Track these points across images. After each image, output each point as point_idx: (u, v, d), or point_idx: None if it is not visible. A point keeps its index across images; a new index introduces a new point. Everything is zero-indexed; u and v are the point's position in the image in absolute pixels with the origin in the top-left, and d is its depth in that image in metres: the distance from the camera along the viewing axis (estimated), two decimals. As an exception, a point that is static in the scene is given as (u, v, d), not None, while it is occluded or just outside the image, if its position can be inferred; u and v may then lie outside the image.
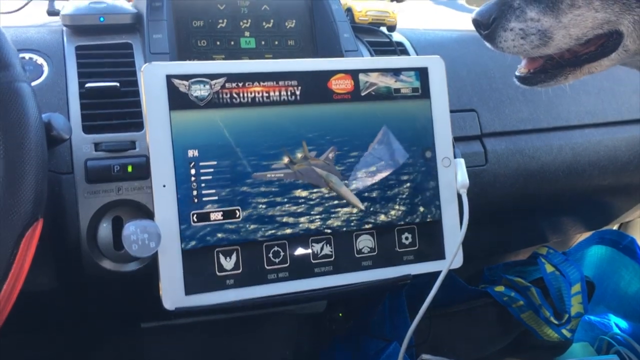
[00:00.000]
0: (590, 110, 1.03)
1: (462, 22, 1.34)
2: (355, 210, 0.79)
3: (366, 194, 0.80)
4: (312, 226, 0.77)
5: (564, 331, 1.21)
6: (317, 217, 0.77)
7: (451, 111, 0.83)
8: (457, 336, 1.22)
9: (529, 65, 0.78)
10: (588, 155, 1.01)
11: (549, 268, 1.23)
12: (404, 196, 0.81)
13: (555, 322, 1.20)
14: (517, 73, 0.80)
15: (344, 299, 1.08)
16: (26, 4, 0.97)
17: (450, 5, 1.45)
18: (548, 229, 1.23)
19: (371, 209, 0.80)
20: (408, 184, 0.82)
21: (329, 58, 0.81)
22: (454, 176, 0.83)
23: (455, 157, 0.84)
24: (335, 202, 0.78)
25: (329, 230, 0.78)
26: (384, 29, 1.01)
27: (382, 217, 0.80)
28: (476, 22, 0.76)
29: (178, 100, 0.72)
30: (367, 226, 0.79)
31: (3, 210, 0.49)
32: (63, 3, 0.90)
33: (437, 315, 1.15)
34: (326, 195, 0.78)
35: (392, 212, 0.81)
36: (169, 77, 0.72)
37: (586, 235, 1.35)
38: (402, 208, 0.81)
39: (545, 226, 1.21)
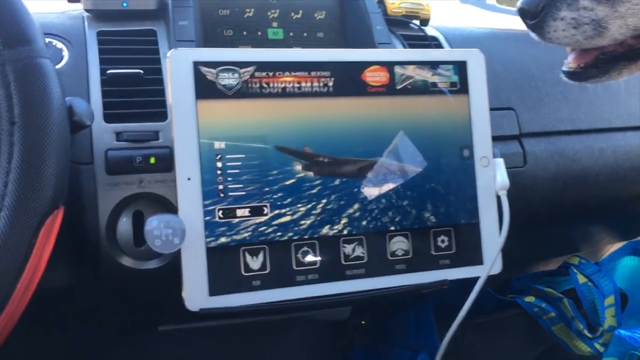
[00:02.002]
0: (633, 112, 0.98)
1: (490, 22, 1.30)
2: (389, 209, 0.74)
3: (400, 192, 0.75)
4: (344, 226, 0.72)
5: (597, 345, 1.15)
6: (350, 215, 0.73)
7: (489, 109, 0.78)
8: (484, 347, 1.17)
9: (579, 59, 0.73)
10: (630, 160, 0.96)
11: (582, 279, 1.17)
12: (440, 196, 0.77)
13: (589, 335, 1.14)
14: (564, 68, 0.75)
15: (371, 305, 1.03)
16: (45, -9, 0.94)
17: (478, 4, 1.41)
18: (580, 238, 1.17)
19: (405, 208, 0.75)
20: (444, 184, 0.77)
21: (363, 49, 0.77)
22: (492, 177, 0.78)
23: (494, 157, 0.79)
24: (369, 196, 0.73)
25: (361, 231, 0.73)
26: (416, 23, 0.96)
27: (417, 218, 0.75)
28: (522, 11, 0.71)
29: (205, 89, 0.68)
30: (401, 227, 0.75)
31: (21, 195, 0.45)
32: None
33: (464, 326, 1.10)
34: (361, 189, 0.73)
35: (428, 213, 0.76)
36: (196, 64, 0.68)
37: (618, 245, 1.30)
38: (438, 209, 0.76)
39: (578, 235, 1.16)
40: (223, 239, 0.67)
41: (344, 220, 0.72)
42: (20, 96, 0.47)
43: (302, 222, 0.71)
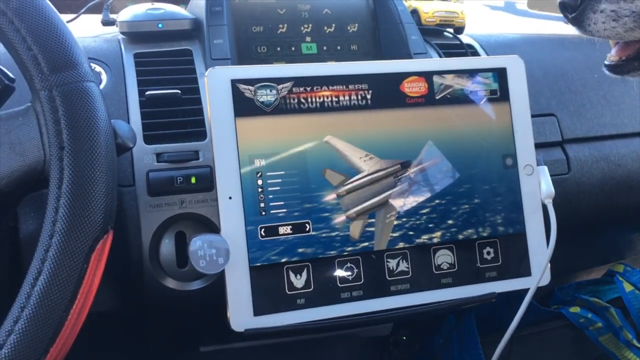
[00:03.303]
0: (678, 113, 0.95)
1: (523, 28, 1.27)
2: (433, 221, 0.72)
3: (443, 204, 0.73)
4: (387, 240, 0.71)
5: (646, 355, 1.11)
6: (393, 229, 0.71)
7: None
8: (529, 361, 1.14)
9: (621, 52, 0.71)
10: (677, 163, 0.93)
11: (628, 287, 1.14)
12: (485, 207, 0.75)
13: (638, 345, 1.10)
14: (606, 62, 0.73)
15: (414, 319, 1.01)
16: (78, 16, 0.95)
17: (508, 10, 1.39)
18: (625, 245, 1.14)
19: (450, 220, 0.73)
20: (488, 194, 0.75)
21: (400, 60, 0.76)
22: (537, 185, 0.76)
23: (538, 165, 0.77)
24: (409, 208, 0.72)
25: (405, 244, 0.71)
26: (451, 31, 0.95)
27: (462, 230, 0.73)
28: (562, 5, 0.70)
29: (243, 106, 0.68)
30: (446, 239, 0.73)
31: (72, 220, 0.45)
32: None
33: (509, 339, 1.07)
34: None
35: (472, 224, 0.74)
36: (234, 82, 0.67)
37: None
38: (483, 220, 0.74)
39: (622, 241, 1.12)
40: (266, 258, 0.66)
41: (387, 235, 0.71)
42: (68, 121, 0.47)
43: (346, 237, 0.69)
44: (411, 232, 0.72)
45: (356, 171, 0.71)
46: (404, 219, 0.72)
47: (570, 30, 0.73)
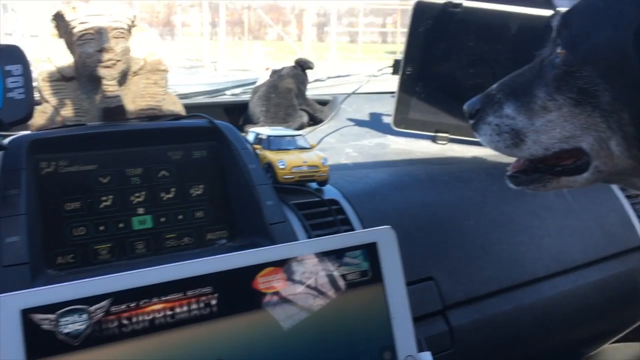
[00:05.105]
0: (555, 255, 0.89)
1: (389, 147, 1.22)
2: None
3: None
4: None
5: None
6: None
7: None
8: None
9: (515, 164, 0.71)
10: (562, 307, 0.87)
11: None
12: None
13: None
14: (507, 172, 0.72)
15: None
16: None
17: (373, 125, 1.35)
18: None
19: None
20: (369, 402, 0.62)
21: (250, 249, 0.62)
22: (423, 380, 0.65)
23: (419, 351, 0.66)
24: None
25: None
26: (312, 187, 0.82)
27: None
28: (465, 111, 0.72)
29: (40, 344, 0.50)
30: None
31: None
32: None
33: None
34: None
35: None
36: (25, 313, 0.50)
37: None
38: None
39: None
40: None
41: None
42: None
43: None
44: None
45: None
46: None
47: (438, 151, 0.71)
